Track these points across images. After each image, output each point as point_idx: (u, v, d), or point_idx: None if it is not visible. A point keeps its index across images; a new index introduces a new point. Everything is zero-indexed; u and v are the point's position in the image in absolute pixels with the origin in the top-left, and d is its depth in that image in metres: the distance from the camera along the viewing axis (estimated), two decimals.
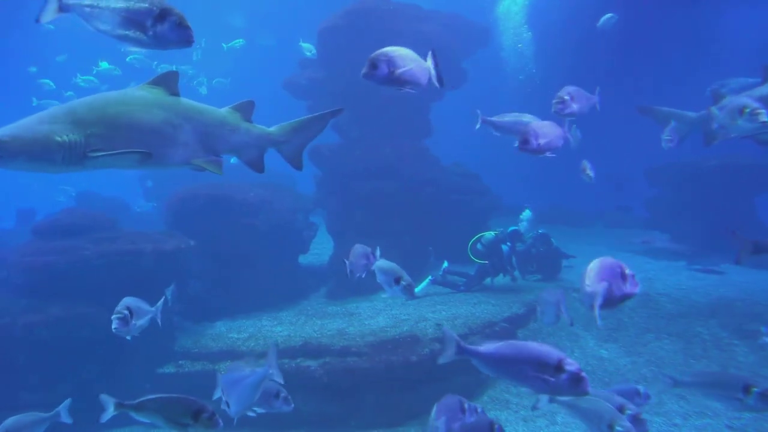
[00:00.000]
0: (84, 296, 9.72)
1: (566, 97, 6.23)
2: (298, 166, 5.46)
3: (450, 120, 21.12)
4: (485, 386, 9.56)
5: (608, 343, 10.60)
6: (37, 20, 4.09)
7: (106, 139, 4.10)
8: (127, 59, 20.71)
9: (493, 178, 17.62)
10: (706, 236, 15.30)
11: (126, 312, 6.27)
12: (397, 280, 6.54)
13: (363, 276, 7.26)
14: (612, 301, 4.13)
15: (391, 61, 4.61)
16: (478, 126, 7.57)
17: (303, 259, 14.40)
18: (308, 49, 12.68)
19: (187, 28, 3.97)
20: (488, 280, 12.61)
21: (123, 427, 9.73)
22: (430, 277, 12.80)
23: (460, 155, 18.63)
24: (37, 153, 3.90)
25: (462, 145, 21.95)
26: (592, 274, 4.21)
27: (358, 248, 7.26)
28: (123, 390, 9.72)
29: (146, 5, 3.92)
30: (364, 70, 4.59)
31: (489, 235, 12.67)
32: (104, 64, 21.34)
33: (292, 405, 5.81)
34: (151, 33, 3.95)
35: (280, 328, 10.79)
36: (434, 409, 5.31)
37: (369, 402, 8.98)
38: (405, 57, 4.71)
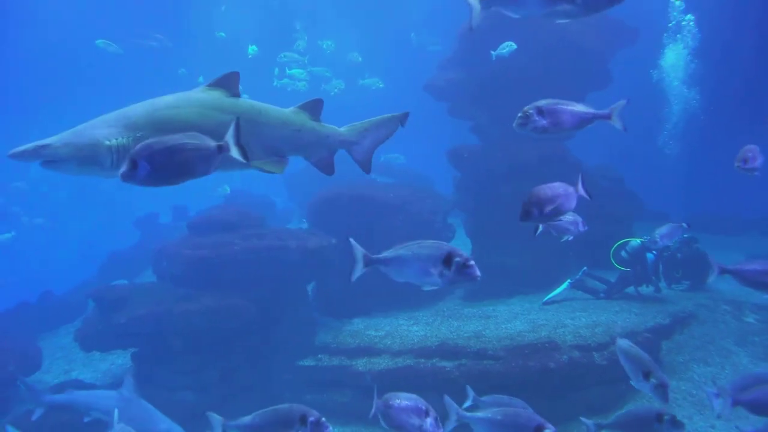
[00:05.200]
0: (233, 288, 10.30)
1: (530, 112, 4.91)
2: (367, 169, 5.27)
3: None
4: (625, 398, 9.05)
5: (765, 361, 9.76)
6: (471, 28, 4.13)
7: None
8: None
9: (636, 181, 16.83)
10: None
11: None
12: (647, 375, 5.36)
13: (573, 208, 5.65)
14: None
15: (152, 156, 3.47)
16: None
17: None
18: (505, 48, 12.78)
19: None
20: (631, 288, 11.99)
21: None
22: (569, 281, 12.38)
23: (602, 157, 18.00)
24: (86, 157, 3.99)
25: (604, 146, 21.07)
26: None
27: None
28: (264, 380, 10.28)
29: None
30: (121, 170, 3.50)
31: (635, 242, 11.90)
32: (296, 71, 22.59)
33: None
34: (579, 0, 3.93)
35: (417, 327, 10.89)
36: None
37: None
38: (173, 147, 3.52)
